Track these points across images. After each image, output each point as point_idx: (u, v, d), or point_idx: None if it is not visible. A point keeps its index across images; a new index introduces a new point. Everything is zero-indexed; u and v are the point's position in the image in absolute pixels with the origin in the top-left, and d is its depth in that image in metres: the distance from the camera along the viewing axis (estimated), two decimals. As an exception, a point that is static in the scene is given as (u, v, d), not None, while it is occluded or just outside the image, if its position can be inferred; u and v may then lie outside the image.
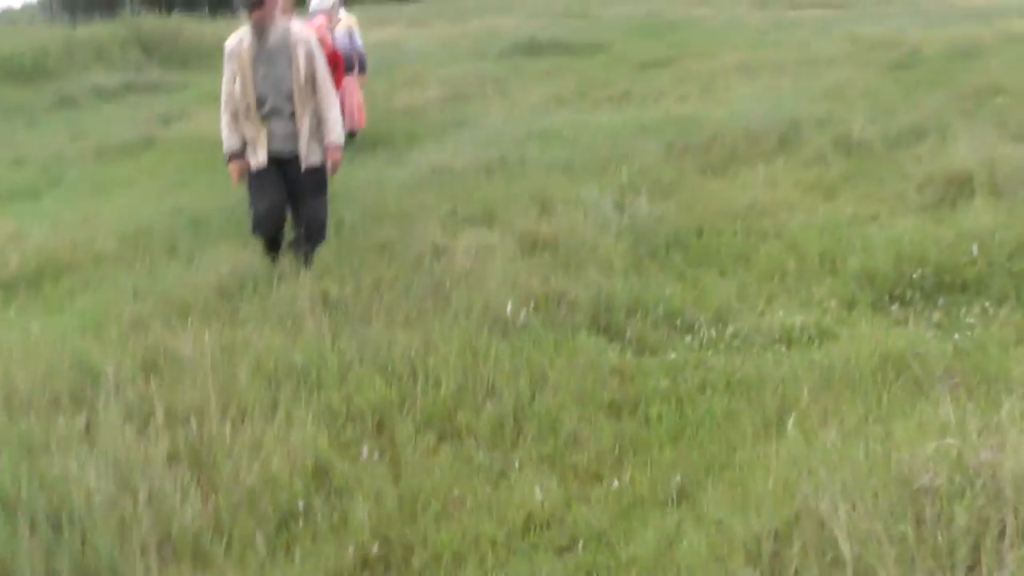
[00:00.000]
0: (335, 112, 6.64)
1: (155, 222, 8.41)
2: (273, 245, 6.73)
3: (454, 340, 5.25)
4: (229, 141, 6.59)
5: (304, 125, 6.48)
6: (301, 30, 6.63)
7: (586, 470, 4.36)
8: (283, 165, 6.57)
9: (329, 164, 6.68)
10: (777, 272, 6.50)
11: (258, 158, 6.52)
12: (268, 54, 6.38)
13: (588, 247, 6.94)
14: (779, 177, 8.77)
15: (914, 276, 6.04)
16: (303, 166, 6.55)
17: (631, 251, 6.91)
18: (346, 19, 12.31)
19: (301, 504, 3.94)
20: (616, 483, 4.18)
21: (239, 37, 6.46)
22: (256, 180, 6.59)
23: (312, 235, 6.75)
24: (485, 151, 9.97)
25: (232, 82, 6.47)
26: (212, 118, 7.63)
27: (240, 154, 6.60)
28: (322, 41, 7.93)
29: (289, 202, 6.73)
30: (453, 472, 4.26)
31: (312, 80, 6.47)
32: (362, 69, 12.14)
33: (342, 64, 9.98)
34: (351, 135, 10.82)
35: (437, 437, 4.56)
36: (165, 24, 24.38)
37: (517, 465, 4.36)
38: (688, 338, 5.64)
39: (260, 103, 6.42)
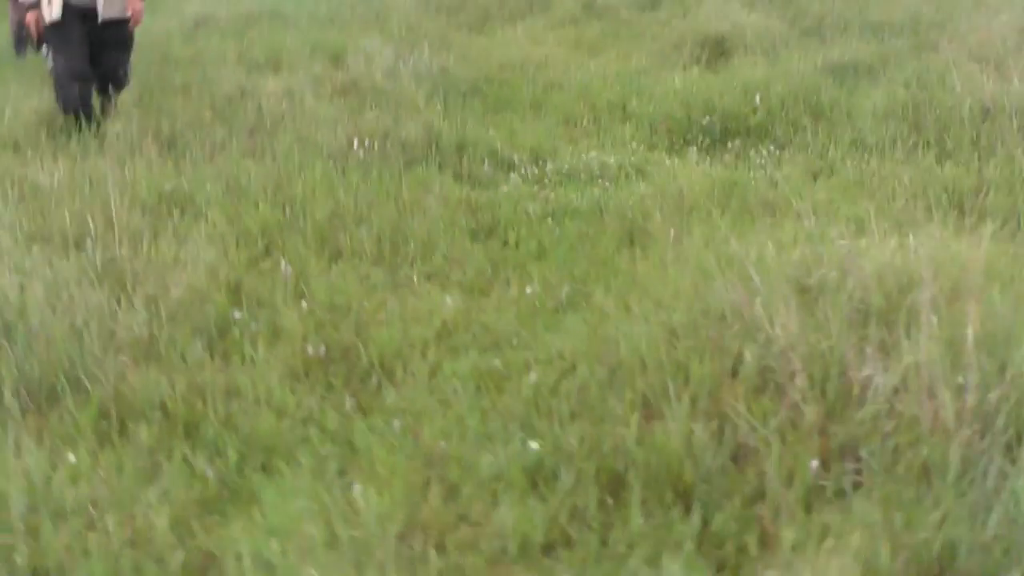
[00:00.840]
0: None
1: None
2: (78, 101, 6.20)
3: (311, 170, 5.38)
4: None
5: None
6: None
7: (472, 286, 4.63)
8: (83, 19, 6.17)
9: (132, 16, 6.35)
10: (574, 118, 6.98)
11: (52, 12, 6.07)
12: None
13: (388, 93, 7.14)
14: (539, 36, 9.23)
15: (703, 122, 6.69)
16: (101, 18, 6.19)
17: (431, 98, 7.18)
18: None
19: (234, 315, 4.06)
20: (508, 293, 4.54)
21: None
22: (59, 42, 6.20)
23: (117, 86, 6.50)
24: (244, 3, 9.84)
25: None
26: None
27: (37, 4, 6.13)
28: None
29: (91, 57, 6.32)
30: (356, 286, 4.47)
31: None
32: None
33: None
34: None
35: (328, 257, 4.74)
36: None
37: (410, 280, 4.63)
38: (512, 175, 6.03)
39: None
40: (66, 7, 6.05)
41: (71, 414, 3.39)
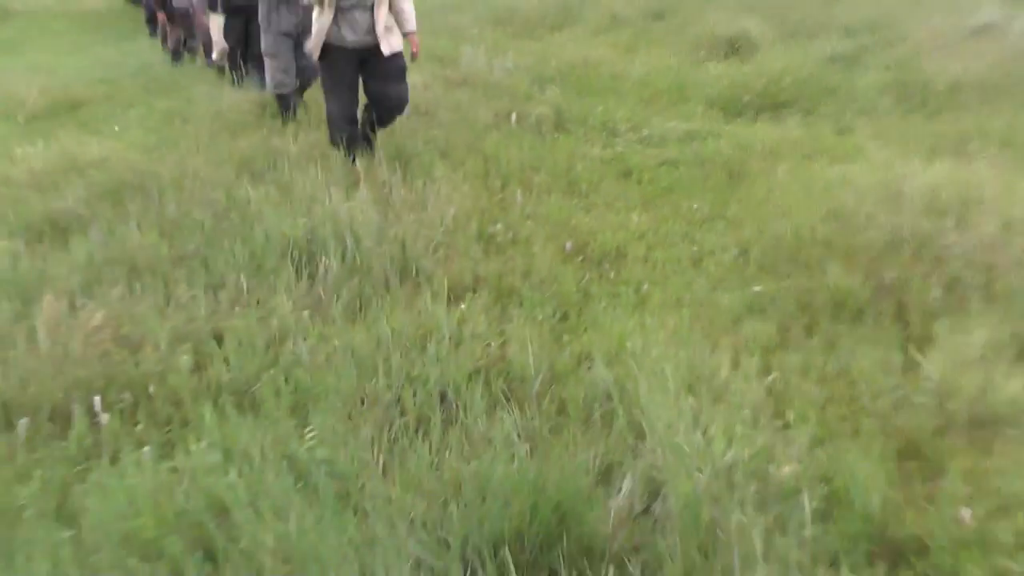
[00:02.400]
0: (410, 3, 6.23)
1: (106, 72, 8.78)
2: (352, 141, 6.27)
3: (490, 135, 6.54)
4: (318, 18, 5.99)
5: (381, 15, 6.01)
6: None
7: (633, 208, 5.82)
8: (361, 56, 6.13)
9: (414, 50, 6.31)
10: (643, 100, 8.19)
11: (314, 53, 6.13)
12: None
13: (495, 83, 8.29)
14: (582, 41, 10.42)
15: (744, 100, 7.96)
16: (386, 52, 6.07)
17: (529, 86, 8.35)
18: None
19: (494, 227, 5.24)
20: (663, 212, 5.73)
21: None
22: (333, 84, 6.20)
23: (400, 113, 6.39)
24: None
25: None
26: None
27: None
28: None
29: (366, 89, 6.31)
30: (565, 209, 5.62)
31: None
32: None
33: None
34: None
35: (530, 192, 5.87)
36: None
37: (595, 205, 5.79)
38: (619, 139, 7.22)
39: None
40: (339, 49, 6.04)
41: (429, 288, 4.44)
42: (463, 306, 4.25)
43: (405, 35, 6.21)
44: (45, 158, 6.13)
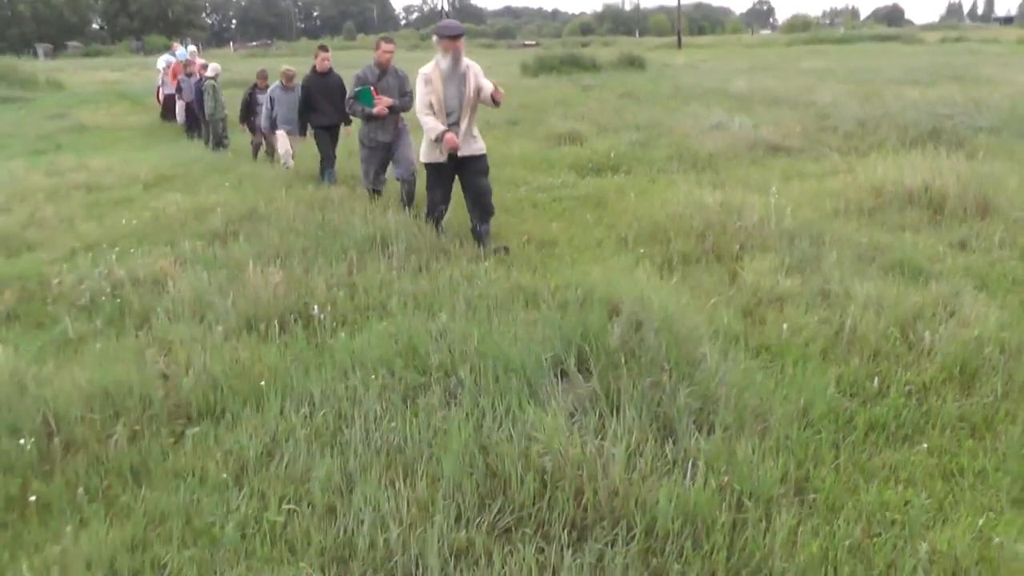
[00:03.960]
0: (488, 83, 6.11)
1: (174, 161, 9.69)
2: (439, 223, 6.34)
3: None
4: (436, 126, 5.99)
5: (471, 125, 6.21)
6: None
7: (548, 226, 7.27)
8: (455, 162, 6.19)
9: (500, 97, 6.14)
10: (527, 167, 9.72)
11: (437, 156, 6.16)
12: (457, 76, 6.05)
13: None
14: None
15: (588, 165, 9.63)
16: (472, 154, 6.19)
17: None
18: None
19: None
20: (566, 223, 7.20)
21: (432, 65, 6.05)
22: (435, 178, 6.28)
23: (486, 209, 6.29)
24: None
25: (428, 95, 6.00)
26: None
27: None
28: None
29: (463, 188, 6.32)
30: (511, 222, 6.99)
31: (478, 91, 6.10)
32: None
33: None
34: None
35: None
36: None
37: (527, 220, 7.21)
38: (520, 188, 8.69)
39: (448, 113, 6.09)
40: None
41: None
42: (485, 264, 5.54)
43: (493, 96, 6.10)
44: (181, 204, 7.06)
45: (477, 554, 2.65)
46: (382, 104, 7.15)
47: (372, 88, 7.16)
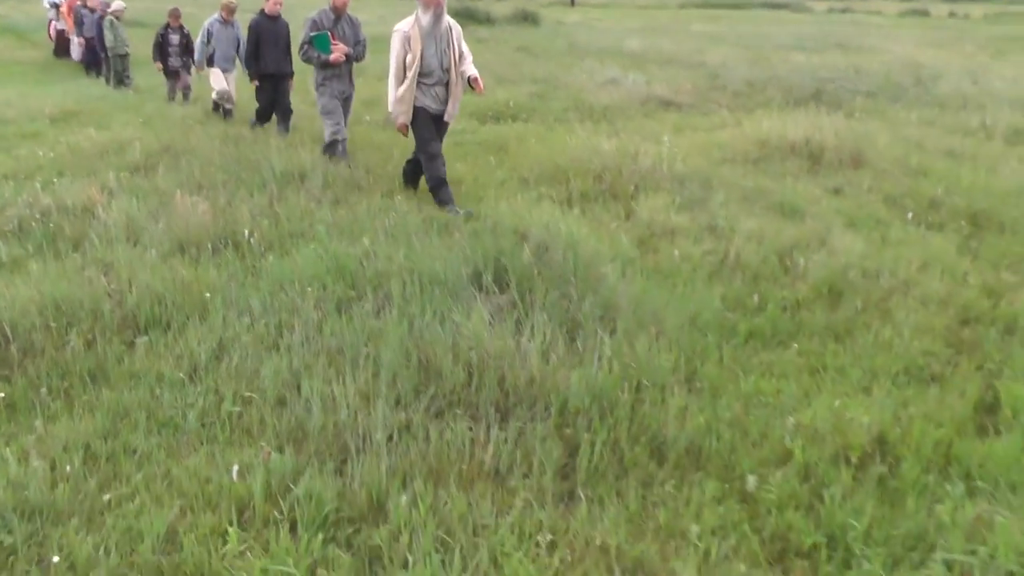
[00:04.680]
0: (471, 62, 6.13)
1: (76, 98, 9.44)
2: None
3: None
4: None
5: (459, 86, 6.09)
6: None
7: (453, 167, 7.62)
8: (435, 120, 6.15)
9: (480, 89, 6.16)
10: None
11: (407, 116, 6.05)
12: (438, 34, 5.93)
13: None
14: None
15: (489, 114, 9.99)
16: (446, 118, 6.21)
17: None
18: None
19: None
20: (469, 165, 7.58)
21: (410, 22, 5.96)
22: (425, 134, 6.12)
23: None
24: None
25: (404, 54, 5.88)
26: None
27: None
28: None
29: None
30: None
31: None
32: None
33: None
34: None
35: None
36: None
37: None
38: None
39: (427, 74, 5.94)
40: (423, 111, 6.02)
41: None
42: (398, 197, 5.88)
43: (470, 80, 6.06)
44: (96, 138, 7.01)
45: (416, 431, 3.05)
46: (339, 51, 6.89)
47: (330, 33, 6.89)
